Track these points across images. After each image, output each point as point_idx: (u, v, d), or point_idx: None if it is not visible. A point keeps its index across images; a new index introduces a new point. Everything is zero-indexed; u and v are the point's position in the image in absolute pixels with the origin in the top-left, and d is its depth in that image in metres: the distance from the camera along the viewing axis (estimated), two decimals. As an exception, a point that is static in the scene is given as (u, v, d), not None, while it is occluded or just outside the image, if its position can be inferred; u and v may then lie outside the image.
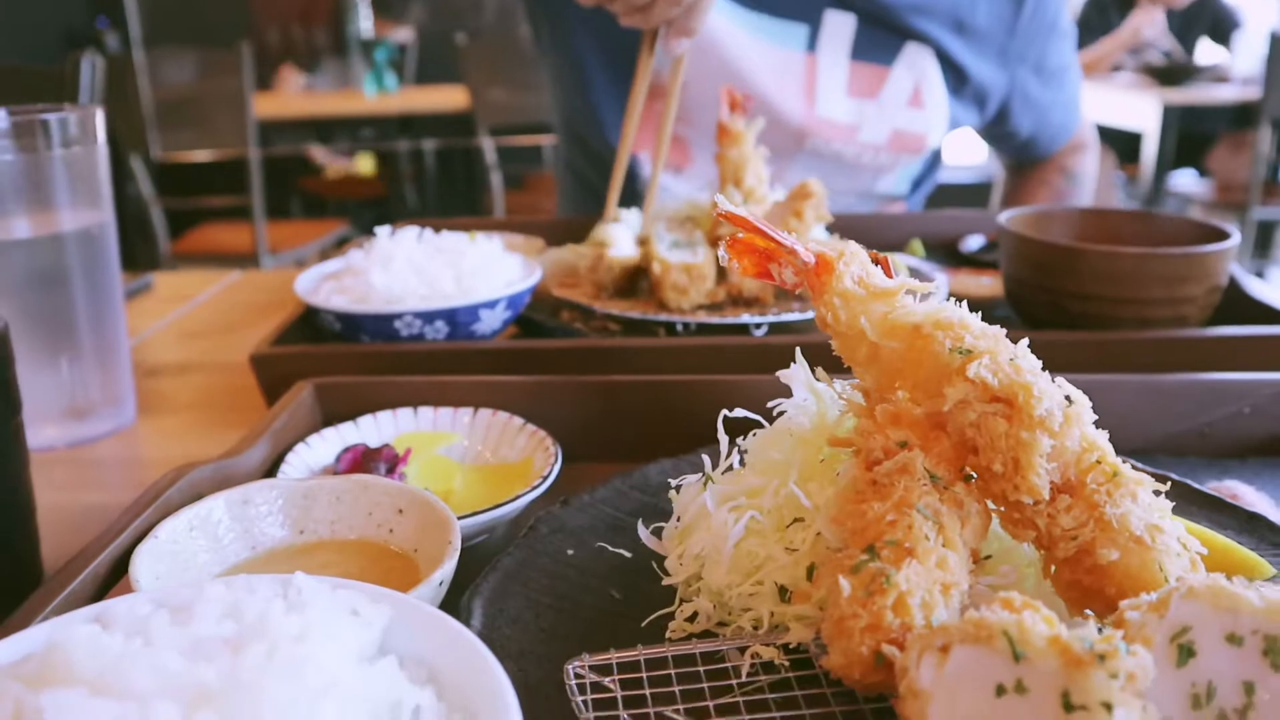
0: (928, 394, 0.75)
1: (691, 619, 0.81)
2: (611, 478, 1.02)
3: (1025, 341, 0.76)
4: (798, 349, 0.90)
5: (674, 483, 0.88)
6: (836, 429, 0.84)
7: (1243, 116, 5.59)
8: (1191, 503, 1.01)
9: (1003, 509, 0.74)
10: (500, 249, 1.51)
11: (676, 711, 0.69)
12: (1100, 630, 0.58)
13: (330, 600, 0.65)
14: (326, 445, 1.13)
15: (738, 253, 0.86)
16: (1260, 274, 5.95)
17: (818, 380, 0.88)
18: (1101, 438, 0.74)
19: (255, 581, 0.68)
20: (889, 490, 0.72)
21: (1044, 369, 0.75)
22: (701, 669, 0.73)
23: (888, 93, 1.99)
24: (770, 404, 0.90)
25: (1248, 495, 1.07)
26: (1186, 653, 0.62)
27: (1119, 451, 1.10)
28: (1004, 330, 0.77)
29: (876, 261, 0.85)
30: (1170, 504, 0.73)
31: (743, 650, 0.75)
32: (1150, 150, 5.69)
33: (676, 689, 0.71)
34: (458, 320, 1.38)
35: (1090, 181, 2.27)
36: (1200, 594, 0.62)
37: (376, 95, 6.70)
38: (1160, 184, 5.81)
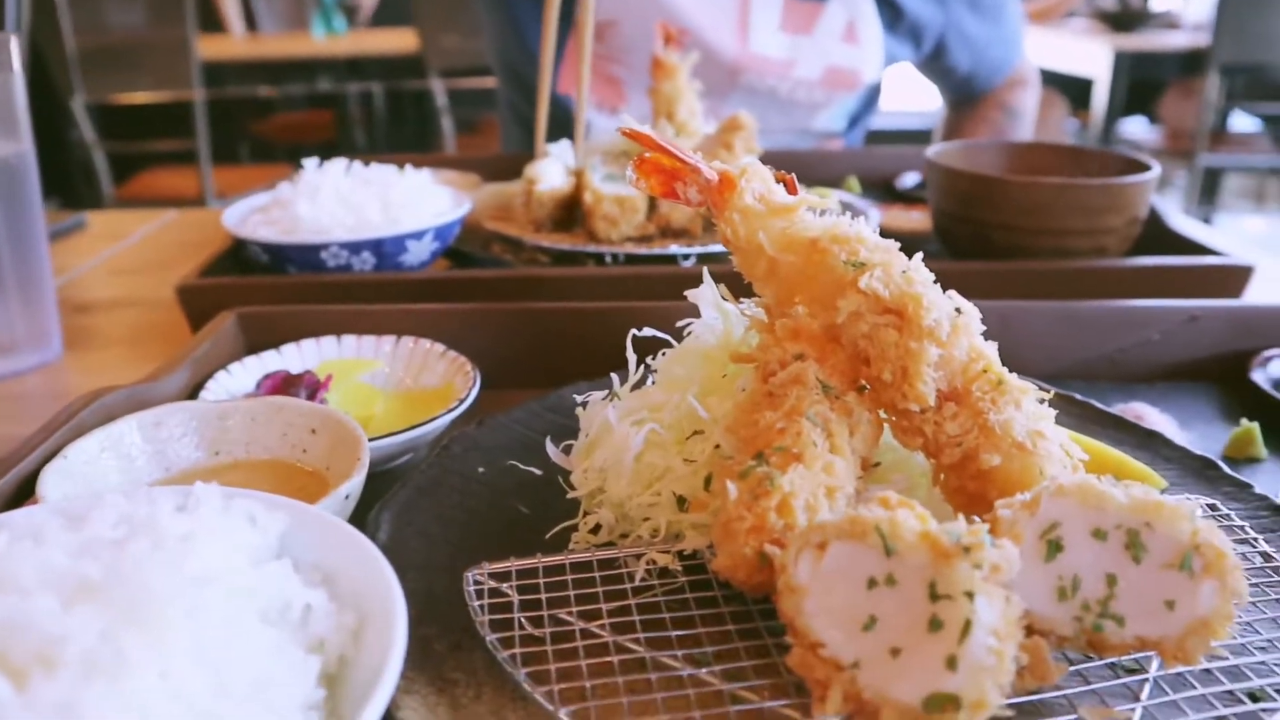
0: (824, 307, 0.77)
1: (595, 530, 0.83)
2: (528, 400, 1.03)
3: (920, 255, 0.77)
4: (705, 269, 0.91)
5: (579, 399, 0.89)
6: (741, 345, 0.86)
7: (1192, 63, 5.63)
8: (1095, 422, 1.04)
9: (893, 418, 0.76)
10: (429, 181, 1.51)
11: (570, 614, 0.71)
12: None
13: (224, 506, 0.65)
14: (248, 372, 1.13)
15: (645, 172, 0.86)
16: (1207, 220, 6.03)
17: (725, 300, 0.89)
18: (990, 348, 0.75)
19: (155, 493, 0.69)
20: (782, 400, 0.73)
21: (966, 299, 0.77)
22: (598, 575, 0.74)
23: (822, 28, 1.99)
24: (679, 323, 0.91)
25: (1151, 416, 1.11)
26: (1055, 548, 0.64)
27: (1032, 376, 1.13)
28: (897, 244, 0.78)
29: (782, 181, 0.86)
30: (1054, 412, 0.75)
31: (639, 557, 0.77)
32: (1101, 97, 5.72)
33: (572, 593, 0.72)
34: (384, 251, 1.38)
35: (1030, 117, 2.28)
36: (1069, 492, 0.64)
37: (325, 37, 6.57)
38: (1111, 131, 5.85)
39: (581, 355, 1.15)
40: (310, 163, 1.48)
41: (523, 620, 0.70)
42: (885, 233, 1.62)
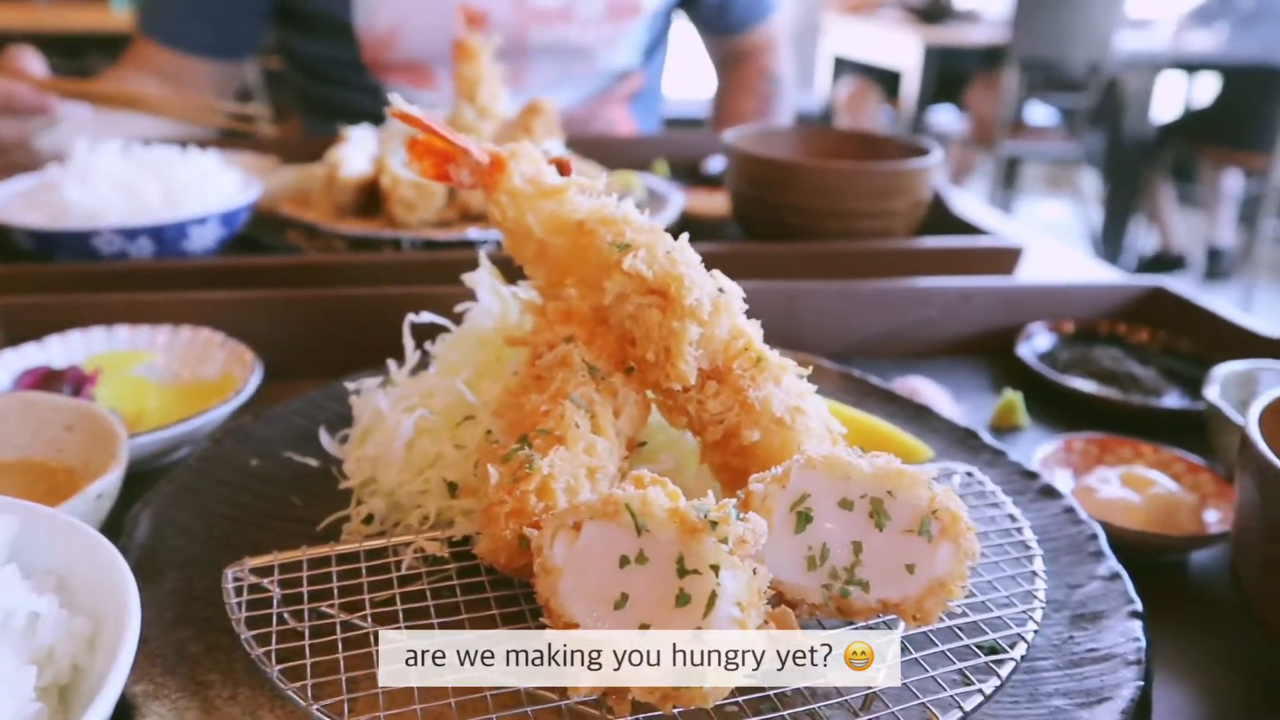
0: (592, 288, 0.77)
1: (368, 520, 0.81)
2: (310, 390, 1.00)
3: (685, 236, 0.78)
4: (482, 254, 0.90)
5: (352, 387, 0.87)
6: (515, 329, 0.85)
7: (994, 57, 5.93)
8: (871, 397, 1.08)
9: (659, 397, 0.77)
10: (217, 164, 1.44)
11: (331, 607, 0.69)
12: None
13: (-60, 512, 0.61)
14: (4, 368, 1.05)
15: (418, 154, 0.84)
16: (1007, 207, 6.38)
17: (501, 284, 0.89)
18: (752, 326, 0.77)
19: None
20: (548, 383, 0.73)
21: (758, 279, 0.78)
22: (364, 566, 0.73)
23: None
24: (457, 308, 0.90)
25: (925, 389, 1.16)
26: (804, 519, 0.66)
27: (819, 353, 1.17)
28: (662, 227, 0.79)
29: (558, 164, 0.86)
30: (814, 387, 0.77)
31: (407, 546, 0.75)
32: (912, 87, 5.98)
33: (336, 586, 0.70)
34: (164, 237, 1.31)
35: (789, 82, 2.38)
36: (817, 464, 0.66)
37: (126, 8, 6.20)
38: (921, 119, 6.12)
39: (369, 342, 1.12)
40: (81, 143, 1.39)
41: (284, 615, 0.68)
42: (689, 216, 1.64)
